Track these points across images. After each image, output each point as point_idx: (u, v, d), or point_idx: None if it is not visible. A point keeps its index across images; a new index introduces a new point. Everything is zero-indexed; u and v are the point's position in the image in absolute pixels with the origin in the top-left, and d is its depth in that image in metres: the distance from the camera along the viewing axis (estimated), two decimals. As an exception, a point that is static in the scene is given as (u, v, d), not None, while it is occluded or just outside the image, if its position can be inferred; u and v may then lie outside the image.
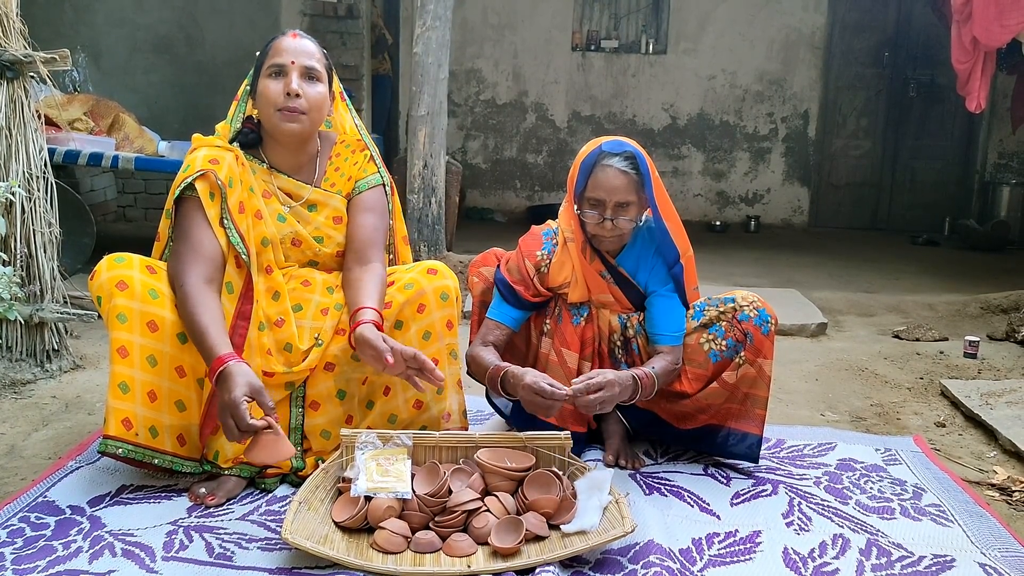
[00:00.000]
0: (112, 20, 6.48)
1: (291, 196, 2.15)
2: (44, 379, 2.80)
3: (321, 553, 1.64)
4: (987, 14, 4.47)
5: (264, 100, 2.05)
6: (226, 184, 1.99)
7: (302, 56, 2.05)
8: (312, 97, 2.05)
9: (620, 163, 2.14)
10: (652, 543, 1.78)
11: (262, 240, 2.07)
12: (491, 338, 2.23)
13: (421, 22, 4.42)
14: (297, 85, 2.02)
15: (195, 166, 1.98)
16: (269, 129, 2.10)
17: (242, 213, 2.02)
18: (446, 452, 2.00)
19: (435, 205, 4.55)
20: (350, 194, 2.19)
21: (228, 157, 2.03)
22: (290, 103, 2.02)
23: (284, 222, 2.12)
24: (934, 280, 5.39)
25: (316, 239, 2.15)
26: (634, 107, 7.92)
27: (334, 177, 2.20)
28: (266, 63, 2.06)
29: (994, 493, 2.21)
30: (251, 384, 1.77)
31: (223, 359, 1.79)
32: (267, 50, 2.07)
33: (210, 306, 1.88)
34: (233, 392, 1.74)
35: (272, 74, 2.04)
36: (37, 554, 1.68)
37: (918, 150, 7.80)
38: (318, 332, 2.06)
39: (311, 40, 2.11)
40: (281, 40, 2.07)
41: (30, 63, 2.70)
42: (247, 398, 1.75)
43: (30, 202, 2.74)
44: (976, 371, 3.33)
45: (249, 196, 2.06)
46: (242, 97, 2.13)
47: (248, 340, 1.98)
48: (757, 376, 2.19)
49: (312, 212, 2.16)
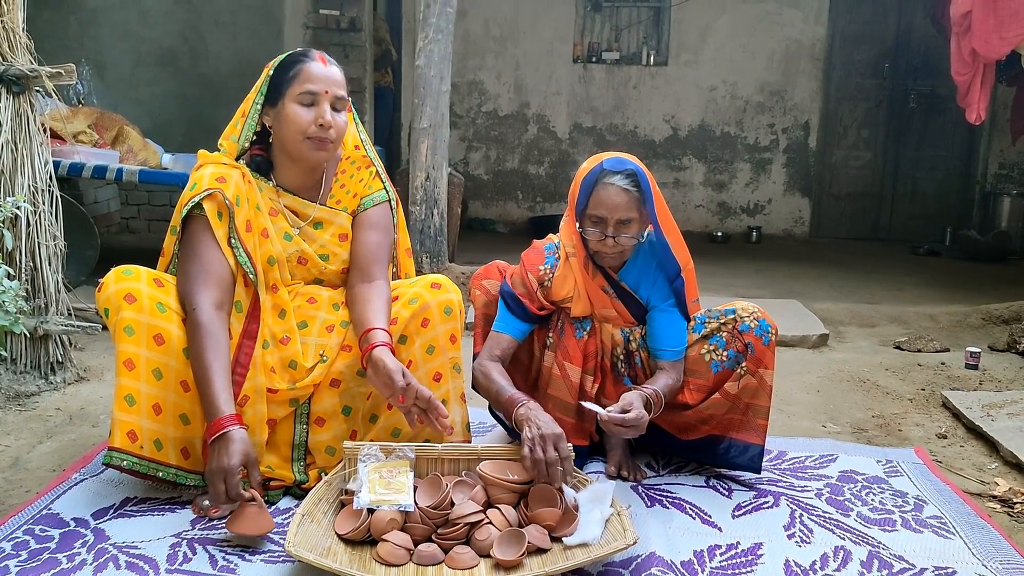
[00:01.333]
0: (116, 33, 6.51)
1: (297, 214, 2.15)
2: (48, 391, 2.81)
3: (324, 565, 1.64)
4: (986, 26, 4.48)
5: (294, 126, 2.03)
6: (233, 203, 2.00)
7: (334, 86, 2.05)
8: (340, 127, 2.07)
9: (621, 181, 2.14)
10: (654, 555, 1.78)
11: (268, 259, 2.07)
12: (498, 351, 2.23)
13: (423, 35, 4.44)
14: (330, 116, 2.03)
15: (202, 184, 1.98)
16: (292, 153, 2.08)
17: (249, 232, 2.03)
18: (448, 464, 2.01)
19: (437, 216, 4.57)
20: (355, 211, 2.20)
21: (235, 175, 2.03)
22: (321, 134, 2.03)
23: (290, 240, 2.12)
24: (935, 291, 5.39)
25: (322, 256, 2.16)
26: (635, 118, 7.94)
27: (339, 194, 2.21)
28: (296, 88, 2.03)
29: (995, 505, 2.21)
30: (248, 455, 1.81)
31: (222, 423, 1.81)
32: (295, 73, 2.04)
33: (219, 348, 1.89)
34: (232, 460, 1.78)
35: (304, 102, 2.03)
36: (42, 567, 1.69)
37: (919, 161, 7.81)
38: (323, 349, 2.07)
39: (338, 67, 2.10)
40: (311, 65, 2.05)
41: (36, 78, 2.71)
42: (241, 468, 1.79)
43: (35, 215, 2.75)
44: (977, 382, 3.34)
45: (256, 214, 2.07)
46: (251, 113, 2.08)
47: (253, 359, 1.99)
48: (758, 386, 2.20)
49: (318, 230, 2.16)
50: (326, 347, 2.07)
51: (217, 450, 1.79)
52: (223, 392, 1.85)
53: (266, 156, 2.15)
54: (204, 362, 1.87)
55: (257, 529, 1.80)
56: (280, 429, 2.07)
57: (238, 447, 1.79)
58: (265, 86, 2.07)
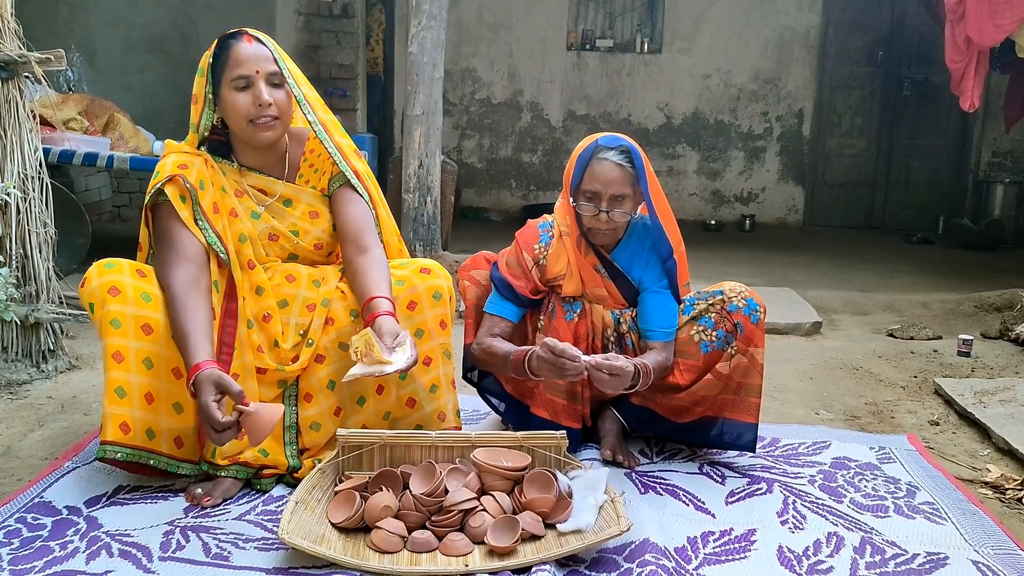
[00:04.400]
0: (106, 19, 6.46)
1: (264, 192, 2.16)
2: (40, 380, 2.79)
3: (318, 553, 1.64)
4: (980, 13, 4.48)
5: (235, 113, 2.04)
6: (196, 187, 2.01)
7: (264, 63, 2.04)
8: (281, 103, 2.06)
9: (616, 156, 2.18)
10: (648, 542, 1.79)
11: (239, 237, 2.09)
12: (496, 331, 2.25)
13: (416, 21, 4.42)
14: (267, 95, 2.03)
15: (164, 172, 2.01)
16: (243, 139, 2.10)
17: (217, 213, 2.05)
18: (442, 452, 2.01)
19: (430, 204, 4.55)
20: (326, 189, 2.21)
21: (197, 162, 2.06)
22: (262, 113, 2.03)
23: (258, 219, 2.14)
24: (928, 279, 5.41)
25: (292, 232, 2.17)
26: (629, 106, 7.92)
27: (308, 174, 2.22)
28: (228, 74, 2.03)
29: (987, 491, 2.22)
30: (216, 382, 1.77)
31: (196, 367, 1.80)
32: (224, 59, 2.03)
33: (193, 312, 1.89)
34: (200, 397, 1.76)
35: (238, 87, 2.03)
36: (34, 555, 1.68)
37: (912, 149, 7.82)
38: (304, 329, 2.08)
39: (265, 41, 2.09)
40: (238, 47, 2.03)
41: (25, 63, 2.69)
42: (216, 397, 1.76)
43: (25, 203, 2.74)
44: (970, 369, 3.35)
45: (222, 196, 2.09)
46: (205, 102, 2.07)
47: (239, 338, 2.01)
48: (750, 365, 2.21)
49: (288, 208, 2.18)
50: (308, 327, 2.08)
51: (196, 397, 1.79)
52: (198, 344, 1.84)
53: (224, 140, 2.16)
54: (181, 330, 1.87)
55: (269, 425, 1.78)
56: None
57: (205, 384, 1.76)
58: (210, 73, 2.06)
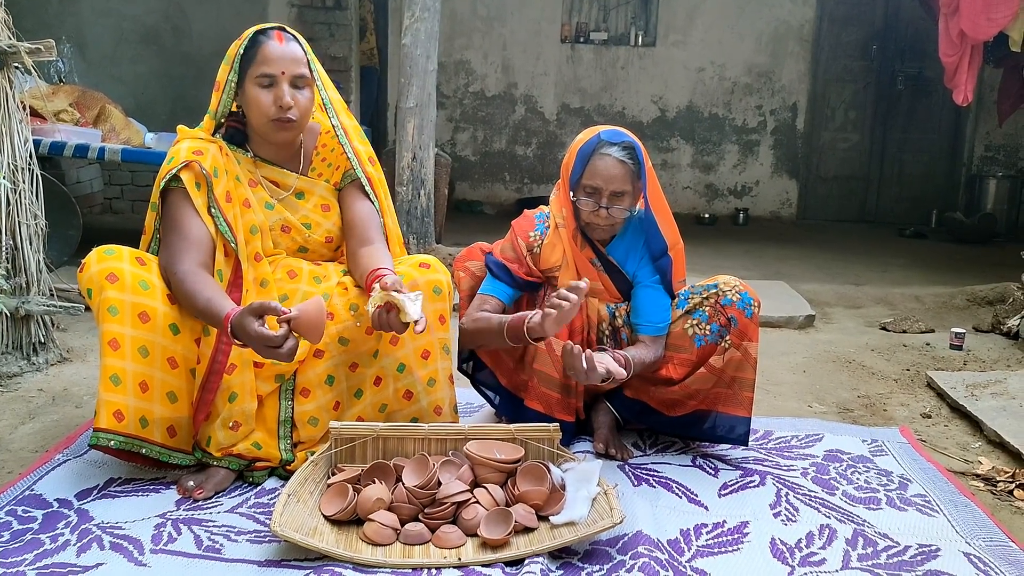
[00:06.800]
0: (98, 10, 6.41)
1: (277, 184, 2.16)
2: (31, 372, 2.78)
3: (310, 545, 1.64)
4: (974, 7, 4.48)
5: (256, 110, 2.04)
6: (211, 174, 2.00)
7: (291, 65, 2.03)
8: (303, 105, 2.07)
9: (618, 152, 2.16)
10: (641, 534, 1.79)
11: (250, 228, 2.08)
12: (487, 307, 2.24)
13: (409, 13, 4.40)
14: (290, 97, 2.02)
15: (179, 157, 1.99)
16: (261, 134, 2.10)
17: (229, 202, 2.04)
18: (435, 444, 2.01)
19: (424, 197, 4.54)
20: (339, 183, 2.22)
21: (212, 148, 2.04)
22: (283, 115, 2.03)
23: (272, 210, 2.14)
24: (921, 272, 5.42)
25: (304, 225, 2.17)
26: (623, 99, 7.91)
27: (321, 167, 2.23)
28: (254, 70, 2.02)
29: (979, 483, 2.23)
30: (254, 311, 1.75)
31: (227, 317, 1.79)
32: (252, 55, 2.02)
33: (205, 282, 1.90)
34: (248, 331, 1.74)
35: (262, 84, 2.02)
36: (25, 547, 1.68)
37: (906, 143, 7.83)
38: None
39: (296, 42, 2.08)
40: (267, 45, 2.02)
41: (14, 53, 2.68)
42: (259, 324, 1.74)
43: (15, 194, 2.72)
44: (962, 363, 3.36)
45: (236, 185, 2.07)
46: (225, 89, 2.06)
47: None
48: (743, 359, 2.21)
49: (300, 200, 2.18)
50: None
51: (240, 339, 1.77)
52: (221, 301, 1.84)
53: (241, 128, 2.15)
54: (197, 295, 1.86)
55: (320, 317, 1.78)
56: (266, 405, 2.07)
57: (244, 319, 1.74)
58: (237, 63, 2.05)
